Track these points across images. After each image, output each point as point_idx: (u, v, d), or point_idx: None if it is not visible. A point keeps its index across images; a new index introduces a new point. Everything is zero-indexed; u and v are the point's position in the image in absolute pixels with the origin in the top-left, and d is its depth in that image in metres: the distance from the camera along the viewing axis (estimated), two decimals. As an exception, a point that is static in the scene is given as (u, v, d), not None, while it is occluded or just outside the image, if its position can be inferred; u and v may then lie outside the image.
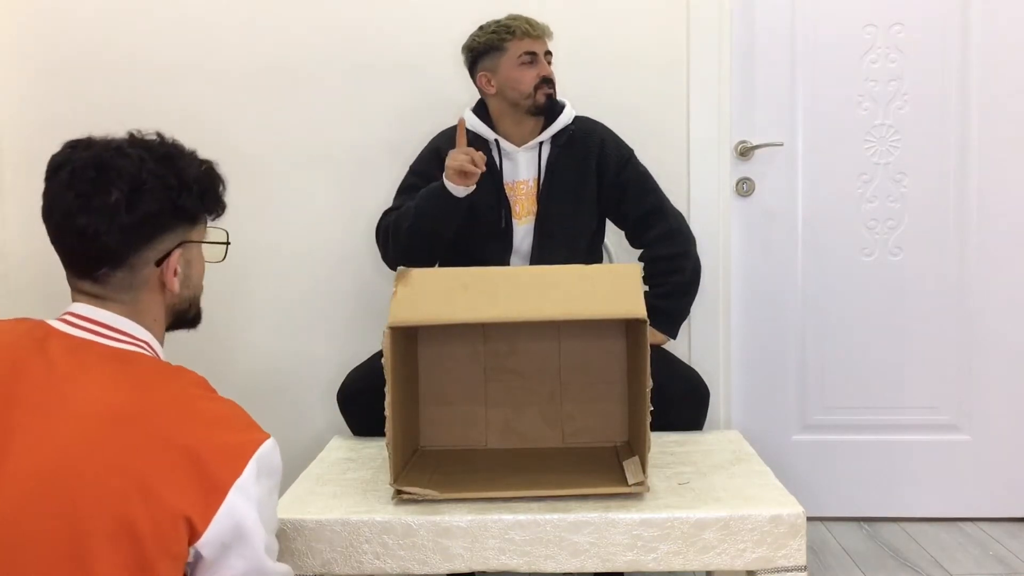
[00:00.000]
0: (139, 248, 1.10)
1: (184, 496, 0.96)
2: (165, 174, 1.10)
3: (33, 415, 0.97)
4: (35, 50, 2.49)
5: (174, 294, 1.15)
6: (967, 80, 2.41)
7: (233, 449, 1.00)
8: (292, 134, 2.46)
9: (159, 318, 1.16)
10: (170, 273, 1.13)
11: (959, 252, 2.43)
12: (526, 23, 2.00)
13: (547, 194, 2.04)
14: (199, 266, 1.22)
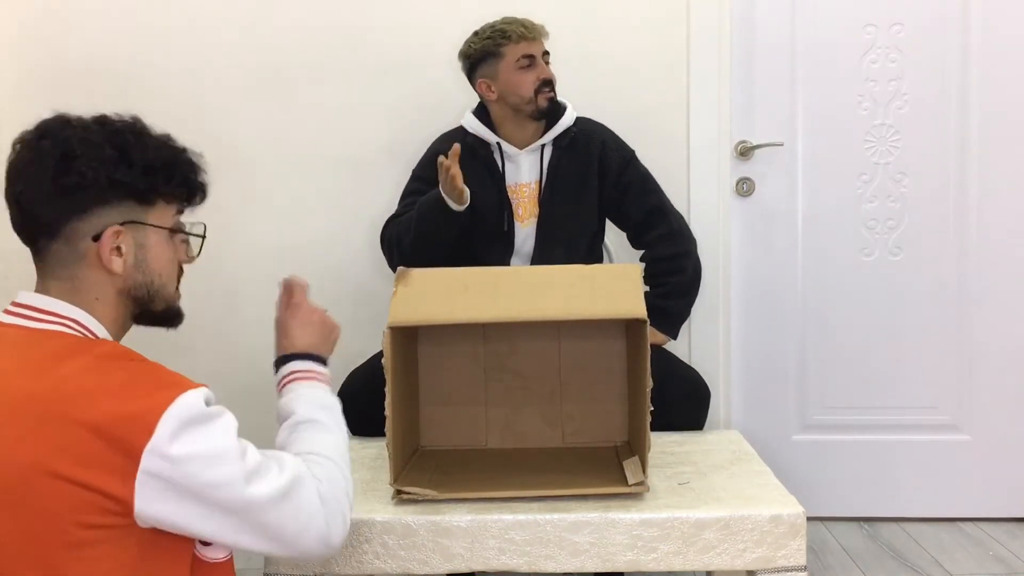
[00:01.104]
0: (69, 218, 1.07)
1: (98, 473, 0.93)
2: (102, 144, 1.07)
3: None
4: (35, 50, 2.49)
5: (119, 276, 1.09)
6: (967, 80, 2.41)
7: (140, 414, 0.96)
8: (292, 135, 2.46)
9: (104, 299, 1.10)
10: (107, 249, 1.07)
11: (959, 252, 2.43)
12: (521, 26, 1.98)
13: (549, 197, 2.04)
14: (161, 253, 1.14)
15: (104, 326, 1.10)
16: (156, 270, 1.14)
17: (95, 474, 0.93)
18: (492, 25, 2.01)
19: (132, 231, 1.09)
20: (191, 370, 2.50)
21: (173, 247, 1.17)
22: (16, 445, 0.94)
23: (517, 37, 1.97)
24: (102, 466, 0.94)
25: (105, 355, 1.05)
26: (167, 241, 1.15)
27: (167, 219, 1.15)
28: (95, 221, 1.07)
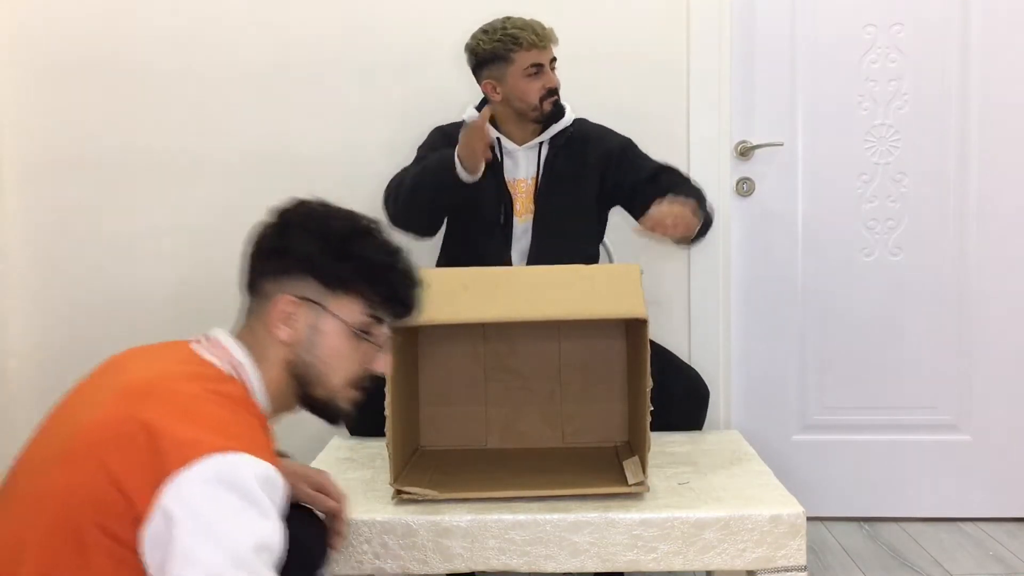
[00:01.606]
0: (264, 275, 1.14)
1: (130, 469, 0.92)
2: (313, 224, 1.14)
3: (108, 383, 1.06)
4: (36, 51, 2.49)
5: (286, 345, 1.12)
6: (967, 80, 2.41)
7: (193, 442, 0.93)
8: (292, 134, 2.46)
9: (271, 362, 1.12)
10: (276, 314, 1.11)
11: (959, 252, 2.43)
12: (533, 33, 1.97)
13: (545, 193, 2.04)
14: (335, 344, 1.14)
15: (264, 386, 1.11)
16: (324, 358, 1.14)
17: (128, 472, 0.92)
18: (504, 27, 1.98)
19: (309, 309, 1.12)
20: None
21: (354, 345, 1.15)
22: (97, 425, 0.97)
23: (528, 44, 1.96)
24: (138, 468, 0.92)
25: (222, 392, 1.04)
26: (346, 336, 1.14)
27: (351, 314, 1.14)
28: (279, 286, 1.12)
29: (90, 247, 2.51)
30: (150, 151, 2.49)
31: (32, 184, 2.51)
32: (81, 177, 2.50)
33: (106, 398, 1.01)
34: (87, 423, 0.99)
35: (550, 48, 2.01)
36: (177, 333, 2.65)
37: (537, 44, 1.97)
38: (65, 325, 2.53)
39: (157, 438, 0.93)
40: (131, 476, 0.92)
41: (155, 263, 2.50)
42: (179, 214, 2.49)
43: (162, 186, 2.49)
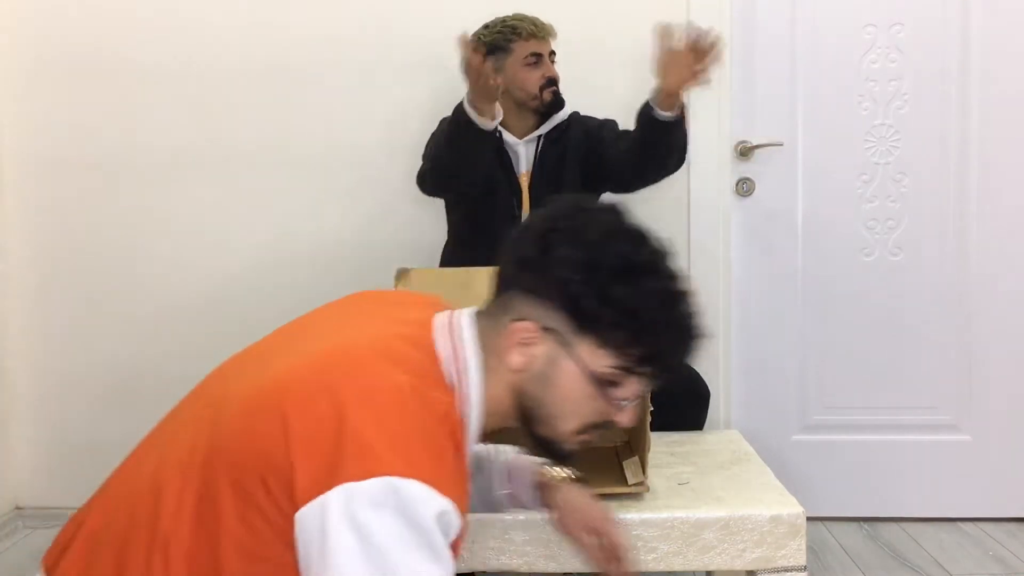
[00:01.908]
0: (514, 285, 0.99)
1: (306, 440, 0.85)
2: (583, 244, 0.96)
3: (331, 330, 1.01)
4: (36, 50, 2.49)
5: (512, 369, 0.97)
6: (967, 80, 2.41)
7: (376, 456, 0.83)
8: (292, 134, 2.46)
9: (497, 375, 0.98)
10: (512, 336, 0.97)
11: (959, 252, 2.43)
12: (532, 24, 2.02)
13: (536, 186, 2.08)
14: (571, 387, 0.98)
15: (482, 394, 0.98)
16: (556, 399, 0.98)
17: (302, 452, 0.85)
18: (503, 20, 2.05)
19: (552, 342, 0.97)
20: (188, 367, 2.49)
21: (593, 394, 0.98)
22: (301, 368, 0.92)
23: (527, 34, 2.01)
24: (316, 452, 0.85)
25: (427, 400, 0.90)
26: (587, 382, 0.97)
27: (599, 362, 0.97)
28: (527, 305, 0.97)
29: (90, 247, 2.51)
30: (150, 151, 2.49)
31: (32, 184, 2.51)
32: (81, 177, 2.50)
33: (312, 348, 0.94)
34: (284, 370, 0.92)
35: (548, 40, 2.05)
36: (177, 333, 2.67)
37: (536, 34, 2.01)
38: (65, 325, 2.53)
39: (343, 429, 0.84)
40: (303, 447, 0.85)
41: (155, 263, 2.50)
42: (179, 214, 2.50)
43: (162, 186, 2.49)
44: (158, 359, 2.50)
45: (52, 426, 2.55)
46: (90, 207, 2.51)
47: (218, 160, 2.48)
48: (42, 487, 2.55)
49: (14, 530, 2.51)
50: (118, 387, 2.52)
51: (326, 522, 0.81)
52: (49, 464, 2.55)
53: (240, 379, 0.99)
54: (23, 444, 2.55)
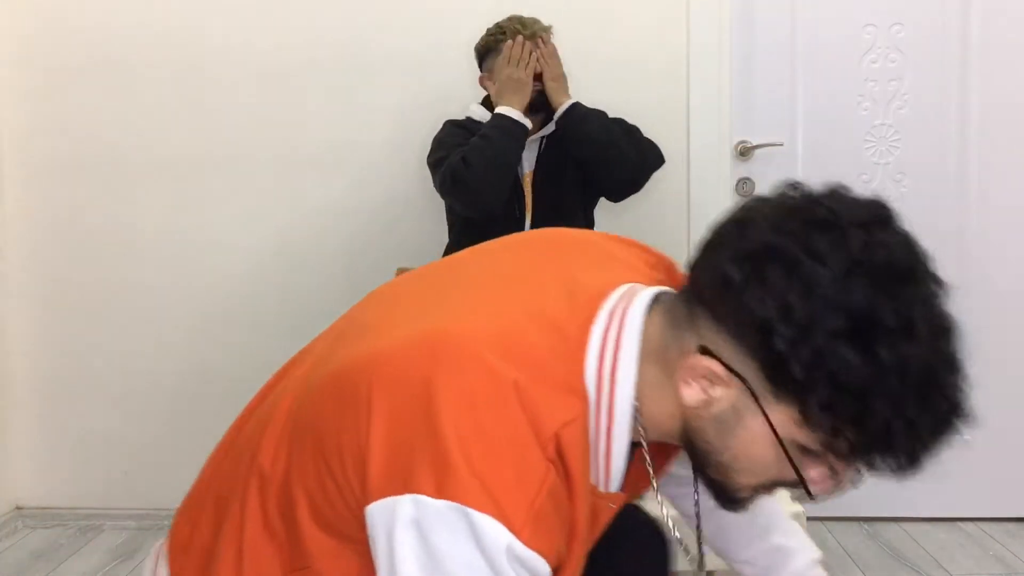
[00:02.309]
0: (702, 299, 0.78)
1: (391, 425, 0.75)
2: (796, 265, 0.71)
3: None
4: (36, 51, 2.49)
5: (684, 404, 0.79)
6: (967, 80, 2.41)
7: (458, 476, 0.72)
8: (291, 135, 2.46)
9: (669, 398, 0.80)
10: (692, 369, 0.77)
11: (959, 252, 2.43)
12: (518, 22, 2.04)
13: (539, 186, 2.07)
14: (756, 446, 0.77)
15: (632, 408, 0.80)
16: (735, 453, 0.79)
17: (380, 441, 0.76)
18: (498, 23, 2.06)
19: (737, 390, 0.76)
20: (188, 367, 2.49)
21: (783, 457, 0.77)
22: (401, 342, 0.80)
23: (512, 33, 2.02)
24: (399, 431, 0.75)
25: (536, 408, 0.75)
26: (776, 447, 0.76)
27: (790, 427, 0.75)
28: (719, 339, 0.76)
29: (90, 247, 2.51)
30: (150, 151, 2.49)
31: (32, 184, 2.51)
32: (81, 177, 2.50)
33: (424, 320, 0.82)
34: (387, 343, 0.81)
35: (538, 38, 2.04)
36: (177, 333, 2.66)
37: (522, 32, 2.01)
38: (65, 325, 2.53)
39: (428, 432, 0.73)
40: (383, 437, 0.76)
41: (155, 263, 2.50)
42: (179, 214, 2.50)
43: (162, 186, 2.49)
44: (158, 359, 2.50)
45: (52, 426, 2.55)
46: (90, 207, 2.51)
47: (218, 160, 2.48)
48: (42, 487, 2.55)
49: (14, 530, 2.51)
50: (118, 387, 2.52)
51: (394, 529, 0.73)
52: (49, 464, 2.55)
53: (348, 341, 0.87)
54: (23, 444, 2.55)
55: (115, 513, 2.52)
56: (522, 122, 1.95)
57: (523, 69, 1.96)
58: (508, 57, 1.97)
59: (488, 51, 2.05)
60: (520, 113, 1.95)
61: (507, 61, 1.97)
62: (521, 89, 1.96)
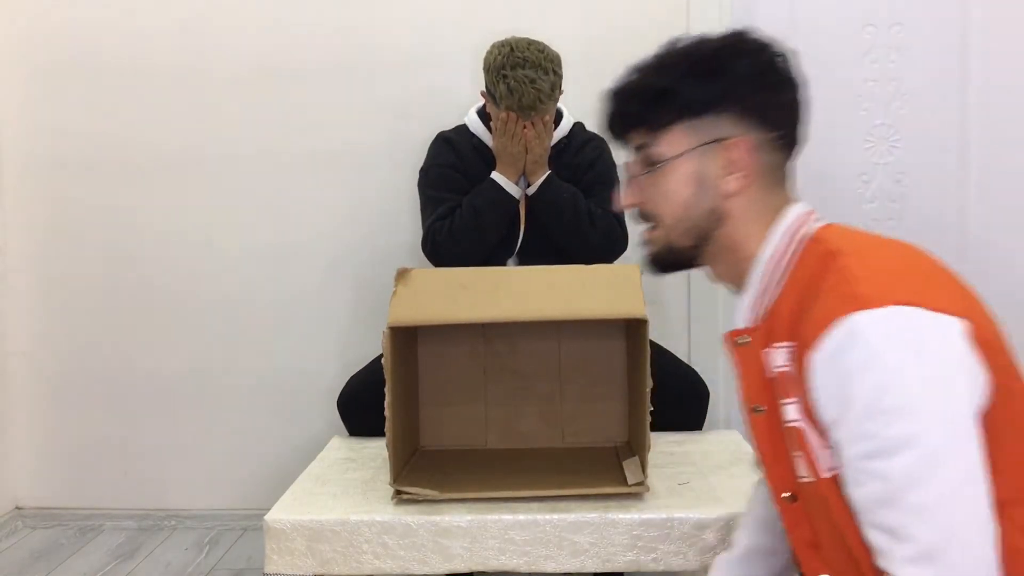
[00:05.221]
0: None
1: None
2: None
3: None
4: (35, 51, 2.49)
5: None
6: (967, 80, 2.41)
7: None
8: (291, 135, 2.46)
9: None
10: None
11: (959, 252, 2.43)
12: (519, 100, 1.88)
13: (533, 202, 2.04)
14: None
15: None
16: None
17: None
18: (503, 71, 1.88)
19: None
20: (188, 367, 2.49)
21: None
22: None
23: (508, 109, 1.91)
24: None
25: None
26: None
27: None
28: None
29: (90, 247, 2.51)
30: (150, 151, 2.49)
31: (32, 184, 2.51)
32: (81, 177, 2.50)
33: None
34: None
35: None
36: (177, 333, 2.66)
37: (522, 115, 1.91)
38: (65, 325, 2.54)
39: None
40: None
41: (155, 263, 2.51)
42: (179, 214, 2.50)
43: (162, 186, 2.49)
44: (158, 359, 2.50)
45: (52, 426, 2.55)
46: (90, 207, 2.51)
47: (218, 160, 2.48)
48: (42, 487, 2.55)
49: (14, 530, 2.51)
50: (117, 387, 2.52)
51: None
52: (49, 464, 2.55)
53: None
54: (23, 444, 2.55)
55: (115, 513, 2.52)
56: (514, 195, 1.99)
57: (516, 143, 1.95)
58: (502, 129, 1.94)
59: (490, 73, 1.92)
60: (513, 185, 1.99)
61: (500, 132, 1.95)
62: (515, 163, 1.98)
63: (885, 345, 0.82)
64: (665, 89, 1.01)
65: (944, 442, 0.80)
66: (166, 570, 2.24)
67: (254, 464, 2.49)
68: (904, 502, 0.79)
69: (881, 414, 0.80)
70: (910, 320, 0.84)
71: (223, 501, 2.52)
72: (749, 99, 1.01)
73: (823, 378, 0.85)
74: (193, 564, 2.27)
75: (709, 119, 1.00)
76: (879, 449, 0.80)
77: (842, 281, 0.88)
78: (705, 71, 1.00)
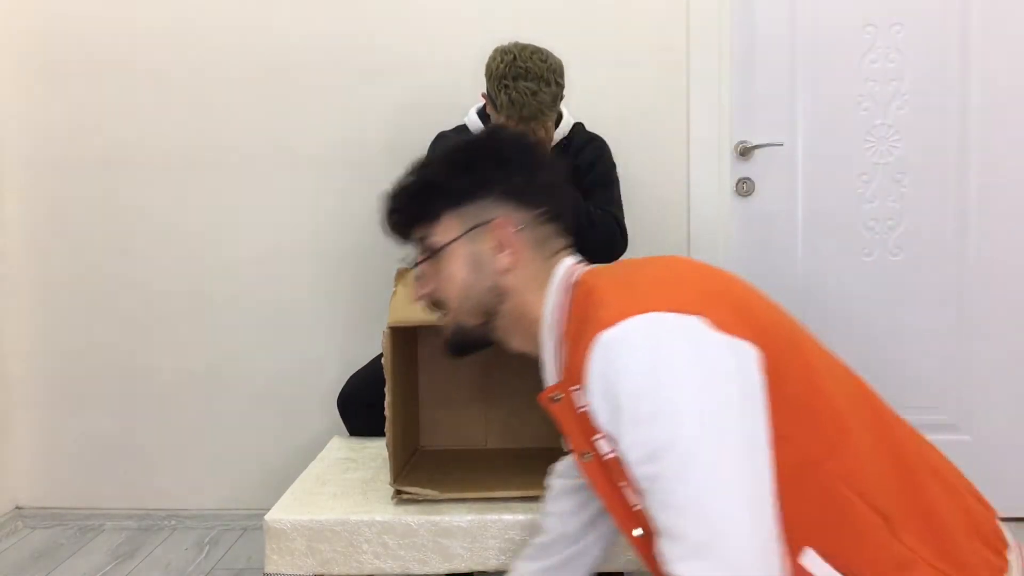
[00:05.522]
0: None
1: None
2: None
3: None
4: (36, 52, 2.49)
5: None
6: (967, 80, 2.41)
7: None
8: (291, 135, 2.47)
9: None
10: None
11: (959, 252, 2.43)
12: (520, 111, 1.85)
13: None
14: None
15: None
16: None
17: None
18: (504, 80, 1.84)
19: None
20: (187, 367, 2.48)
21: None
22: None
23: (507, 118, 1.88)
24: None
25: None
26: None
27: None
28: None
29: (90, 247, 2.51)
30: (150, 151, 2.49)
31: (32, 184, 2.51)
32: (81, 177, 2.50)
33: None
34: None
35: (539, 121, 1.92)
36: (177, 333, 2.66)
37: (522, 125, 1.88)
38: (65, 325, 2.54)
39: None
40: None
41: (155, 263, 2.51)
42: (179, 214, 2.50)
43: (162, 186, 2.49)
44: (158, 359, 2.50)
45: (52, 426, 2.55)
46: (90, 207, 2.51)
47: (218, 160, 2.48)
48: (42, 487, 2.55)
49: (14, 530, 2.51)
50: (118, 387, 2.52)
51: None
52: (49, 464, 2.55)
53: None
54: (23, 444, 2.55)
55: (115, 513, 2.53)
56: None
57: None
58: None
59: (492, 80, 1.89)
60: None
61: None
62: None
63: (631, 355, 0.86)
64: (430, 184, 1.09)
65: (699, 437, 0.83)
66: (166, 570, 2.24)
67: (254, 464, 2.50)
68: (671, 502, 0.82)
69: (642, 421, 0.85)
70: (649, 325, 0.88)
71: (223, 501, 2.52)
72: (505, 184, 1.08)
73: (597, 402, 0.90)
74: (193, 564, 2.27)
75: (473, 206, 1.07)
76: (646, 455, 0.84)
77: (593, 312, 0.93)
78: (464, 164, 1.09)
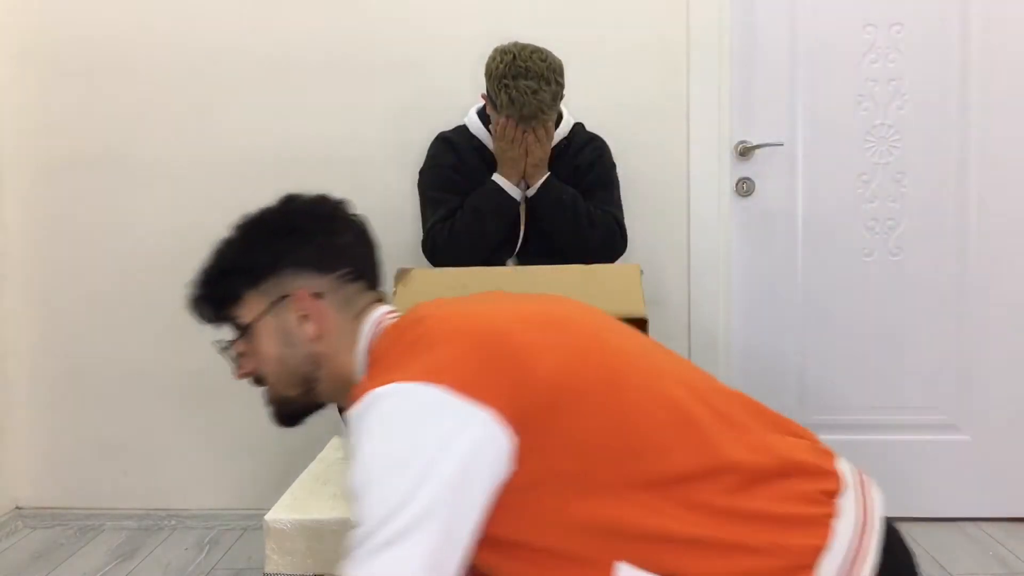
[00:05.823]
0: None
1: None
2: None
3: None
4: (36, 51, 2.49)
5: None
6: (967, 80, 2.41)
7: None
8: (291, 135, 2.46)
9: None
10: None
11: (959, 252, 2.43)
12: (520, 110, 1.88)
13: (533, 204, 2.04)
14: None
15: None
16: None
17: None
18: (504, 79, 1.86)
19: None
20: (188, 367, 2.49)
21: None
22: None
23: (508, 116, 1.91)
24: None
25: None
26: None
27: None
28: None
29: (90, 247, 2.51)
30: (150, 151, 2.49)
31: (32, 184, 2.51)
32: (81, 177, 2.50)
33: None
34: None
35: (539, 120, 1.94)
36: (176, 333, 2.66)
37: (522, 124, 1.92)
38: (65, 325, 2.54)
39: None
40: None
41: (155, 263, 2.51)
42: (180, 214, 2.50)
43: (162, 186, 2.50)
44: (158, 359, 2.50)
45: (52, 426, 2.55)
46: (90, 207, 2.51)
47: (218, 161, 2.48)
48: (42, 487, 2.55)
49: (14, 530, 2.51)
50: (118, 387, 2.52)
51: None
52: (49, 464, 2.55)
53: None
54: (23, 444, 2.55)
55: (115, 513, 2.53)
56: (515, 197, 2.00)
57: (516, 147, 1.95)
58: (502, 134, 1.95)
59: (492, 80, 1.91)
60: (514, 186, 2.00)
61: (500, 137, 1.96)
62: (515, 165, 1.98)
63: (363, 431, 0.87)
64: (226, 266, 1.11)
65: (392, 522, 0.81)
66: (166, 570, 2.24)
67: (254, 464, 2.50)
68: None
69: (352, 496, 0.85)
70: (374, 402, 0.87)
71: (223, 501, 2.52)
72: (298, 254, 1.09)
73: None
74: (193, 564, 2.27)
75: (271, 280, 1.08)
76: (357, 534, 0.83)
77: (363, 379, 0.96)
78: (255, 242, 1.11)
